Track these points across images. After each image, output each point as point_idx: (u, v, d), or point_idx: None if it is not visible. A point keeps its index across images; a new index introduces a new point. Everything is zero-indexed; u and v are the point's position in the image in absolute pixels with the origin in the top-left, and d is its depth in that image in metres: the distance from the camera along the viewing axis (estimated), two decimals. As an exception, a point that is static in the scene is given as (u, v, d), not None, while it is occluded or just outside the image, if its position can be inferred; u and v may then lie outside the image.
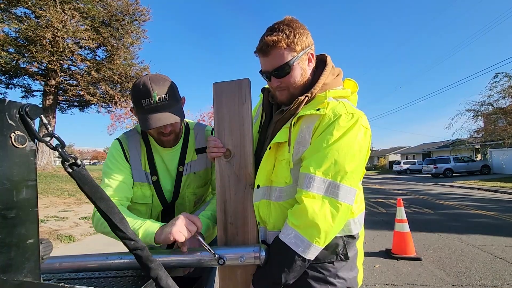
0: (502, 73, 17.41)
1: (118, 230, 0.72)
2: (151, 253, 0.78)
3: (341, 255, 0.99)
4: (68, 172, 0.64)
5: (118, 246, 0.76)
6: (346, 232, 1.00)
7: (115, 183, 1.19)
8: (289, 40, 0.96)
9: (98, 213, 1.08)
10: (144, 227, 1.03)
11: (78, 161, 0.64)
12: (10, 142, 0.51)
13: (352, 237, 1.02)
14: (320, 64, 1.10)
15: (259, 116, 1.23)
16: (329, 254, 0.98)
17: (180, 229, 0.96)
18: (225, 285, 1.05)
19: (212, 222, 1.25)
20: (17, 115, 0.52)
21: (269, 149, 1.00)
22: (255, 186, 1.03)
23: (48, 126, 0.58)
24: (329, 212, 0.88)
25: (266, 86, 1.17)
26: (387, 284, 3.25)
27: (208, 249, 0.94)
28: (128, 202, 1.23)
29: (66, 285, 0.52)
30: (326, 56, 1.11)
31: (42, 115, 0.56)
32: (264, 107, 1.18)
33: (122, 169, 1.22)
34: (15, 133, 0.51)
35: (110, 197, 1.13)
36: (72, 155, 0.63)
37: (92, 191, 0.67)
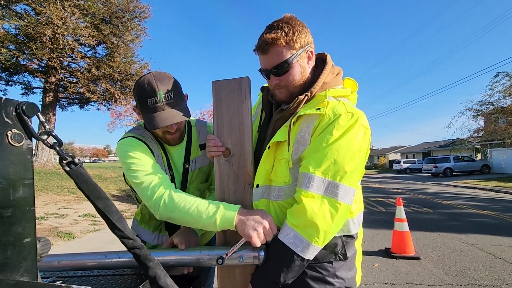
0: (503, 72, 17.37)
1: (116, 229, 0.72)
2: (149, 252, 0.78)
3: (340, 255, 0.99)
4: (66, 171, 0.63)
5: (118, 244, 0.76)
6: (345, 232, 1.00)
7: (157, 172, 1.10)
8: (288, 38, 0.95)
9: (164, 195, 1.02)
10: (221, 213, 0.97)
11: (76, 160, 0.64)
12: (7, 140, 0.50)
13: (351, 236, 1.02)
14: (320, 63, 1.09)
15: (258, 115, 1.22)
16: (328, 254, 0.98)
17: (259, 236, 0.91)
18: (224, 285, 1.05)
19: None
20: (14, 113, 0.52)
21: (268, 148, 1.00)
22: (254, 186, 1.02)
23: (46, 124, 0.58)
24: (328, 212, 0.88)
25: (266, 84, 1.16)
26: (386, 283, 3.25)
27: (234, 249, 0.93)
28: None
29: (63, 284, 0.52)
30: (326, 55, 1.10)
31: (39, 113, 0.56)
32: (264, 106, 1.18)
33: (152, 160, 1.15)
34: (11, 131, 0.51)
35: (162, 186, 1.06)
36: (70, 154, 0.63)
37: (90, 189, 0.67)
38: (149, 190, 1.06)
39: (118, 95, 15.38)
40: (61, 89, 15.37)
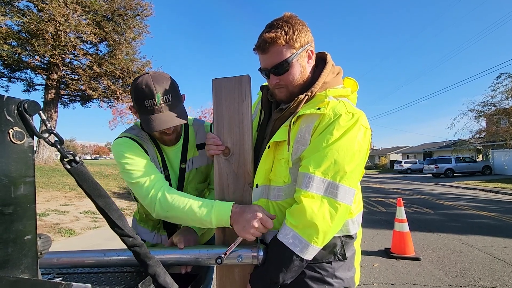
0: (506, 73, 17.32)
1: (116, 227, 0.72)
2: (149, 250, 0.79)
3: (339, 255, 0.99)
4: (67, 169, 0.64)
5: (118, 242, 0.76)
6: (344, 232, 1.00)
7: (151, 172, 1.11)
8: (287, 37, 0.95)
9: (160, 194, 1.04)
10: (216, 212, 0.99)
11: (77, 158, 0.64)
12: (8, 138, 0.51)
13: (350, 237, 1.02)
14: (320, 62, 1.09)
15: (257, 114, 1.22)
16: (327, 254, 0.98)
17: (253, 234, 0.93)
18: (223, 284, 1.05)
19: None
20: (16, 111, 0.52)
21: (268, 148, 0.99)
22: (254, 185, 1.02)
23: (47, 122, 0.58)
24: (328, 212, 0.88)
25: (265, 83, 1.16)
26: (385, 283, 3.26)
27: (230, 247, 0.95)
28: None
29: (63, 281, 0.52)
30: (326, 54, 1.10)
31: (40, 111, 0.56)
32: (263, 105, 1.17)
33: (147, 160, 1.16)
34: (13, 129, 0.51)
35: (157, 186, 1.07)
36: (71, 152, 0.63)
37: (90, 187, 0.67)
38: (144, 190, 1.07)
39: (119, 92, 15.40)
40: (63, 86, 15.40)
